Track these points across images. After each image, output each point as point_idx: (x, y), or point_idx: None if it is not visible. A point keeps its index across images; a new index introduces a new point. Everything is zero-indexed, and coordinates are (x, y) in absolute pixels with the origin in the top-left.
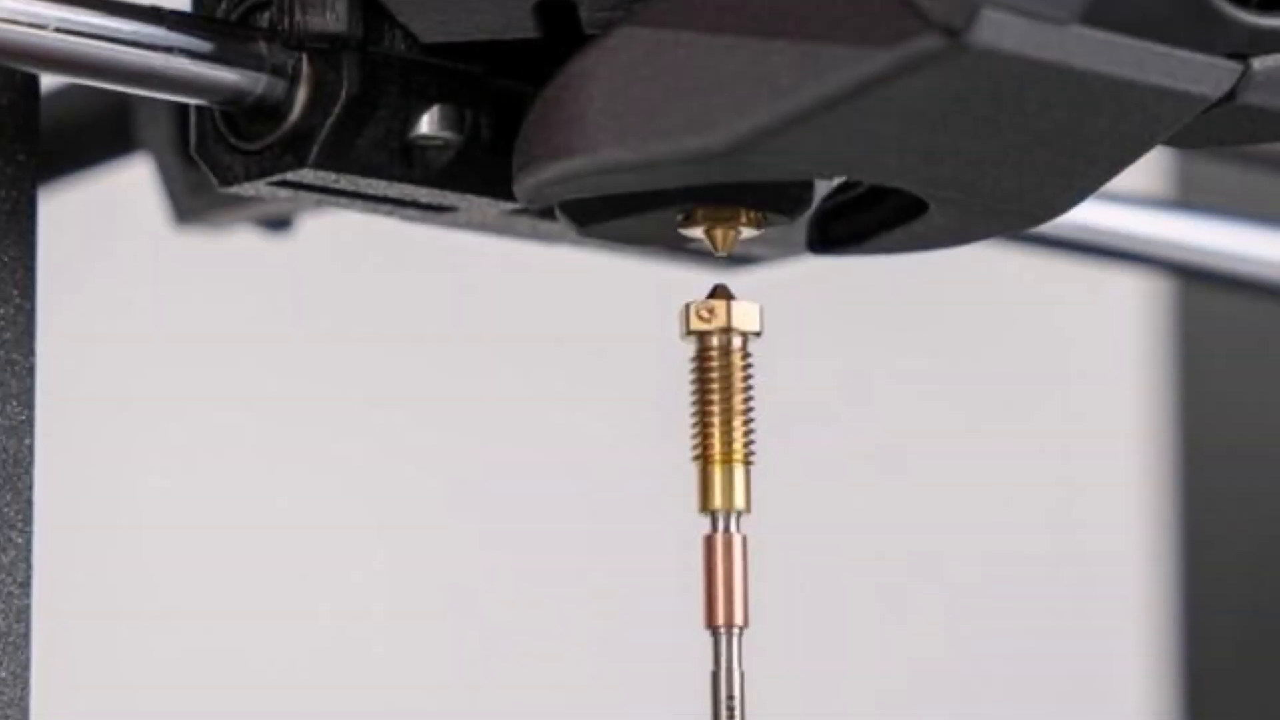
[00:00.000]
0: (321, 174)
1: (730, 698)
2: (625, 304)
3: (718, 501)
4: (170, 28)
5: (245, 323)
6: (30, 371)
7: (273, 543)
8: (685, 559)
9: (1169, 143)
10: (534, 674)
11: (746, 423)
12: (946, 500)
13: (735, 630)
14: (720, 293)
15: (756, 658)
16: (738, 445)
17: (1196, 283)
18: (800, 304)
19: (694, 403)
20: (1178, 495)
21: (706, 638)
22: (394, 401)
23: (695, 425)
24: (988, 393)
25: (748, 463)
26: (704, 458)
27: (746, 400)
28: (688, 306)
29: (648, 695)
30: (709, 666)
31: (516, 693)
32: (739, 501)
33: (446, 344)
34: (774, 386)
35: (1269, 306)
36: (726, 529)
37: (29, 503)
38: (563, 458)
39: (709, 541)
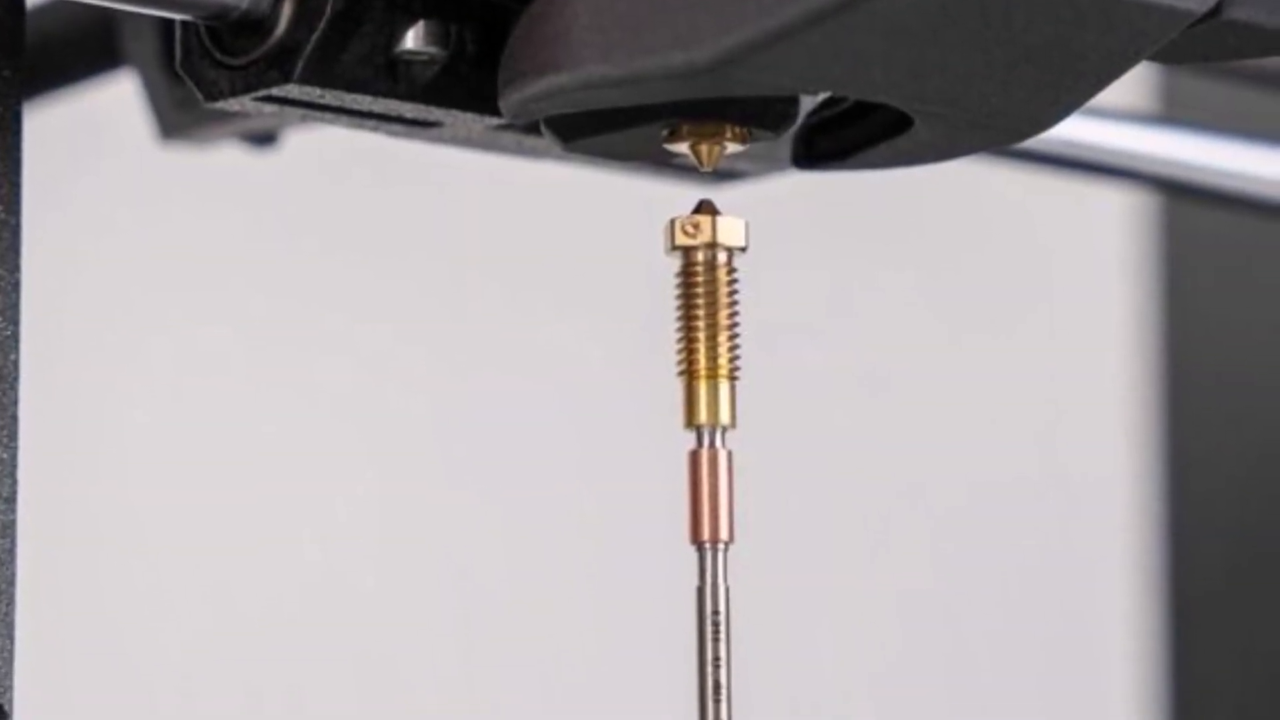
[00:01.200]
0: (307, 89)
1: (715, 613)
2: (610, 219)
3: (703, 417)
4: None
5: (230, 238)
6: (15, 287)
7: (257, 462)
8: (671, 475)
9: (1154, 58)
10: (519, 592)
11: (732, 338)
12: (931, 417)
13: (721, 545)
14: (705, 208)
15: (742, 573)
16: (723, 361)
17: (1182, 198)
18: (785, 220)
19: (679, 318)
20: (1164, 412)
21: (692, 553)
22: (379, 318)
23: (680, 341)
24: (973, 309)
25: (733, 378)
26: (689, 373)
27: (732, 316)
28: (673, 222)
29: (633, 611)
30: (694, 582)
31: (502, 612)
32: (724, 417)
33: (431, 259)
34: (759, 302)
35: (1254, 222)
36: (712, 444)
37: (14, 419)
38: (548, 374)
39: (694, 457)
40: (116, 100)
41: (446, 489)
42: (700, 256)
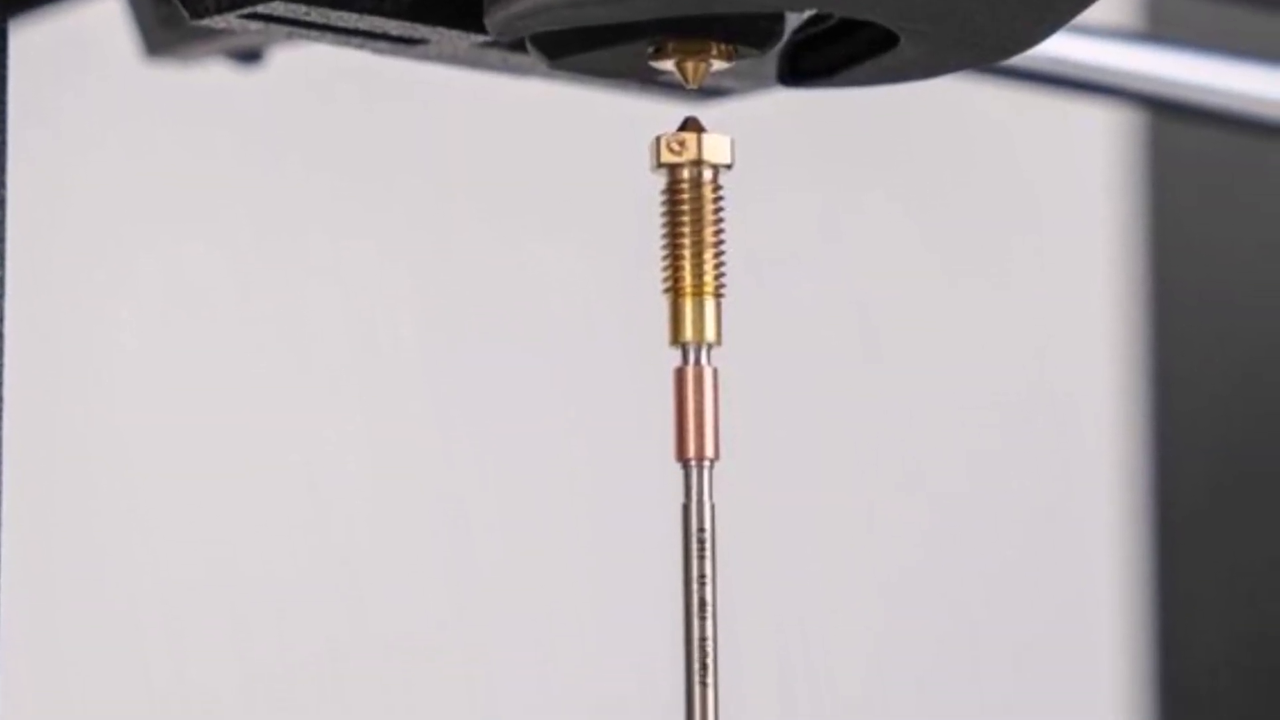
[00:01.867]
0: (292, 6)
1: (701, 530)
2: (596, 137)
3: (689, 334)
4: None
5: (215, 157)
6: (0, 204)
7: (243, 383)
8: (656, 392)
9: None
10: (506, 511)
11: (717, 255)
12: (917, 337)
13: (706, 463)
14: (691, 125)
15: (727, 490)
16: (708, 278)
17: (1166, 115)
18: (772, 137)
19: (664, 236)
20: (1149, 330)
21: (677, 470)
22: (364, 237)
23: (666, 258)
24: (957, 227)
25: (719, 296)
26: (675, 291)
27: (717, 233)
28: (658, 139)
29: (619, 528)
30: (679, 499)
31: (489, 532)
32: (710, 334)
33: (417, 178)
34: (745, 222)
35: (1239, 139)
36: (697, 361)
37: None
38: (533, 292)
39: (680, 374)
40: (101, 18)
41: (432, 409)
42: (686, 174)
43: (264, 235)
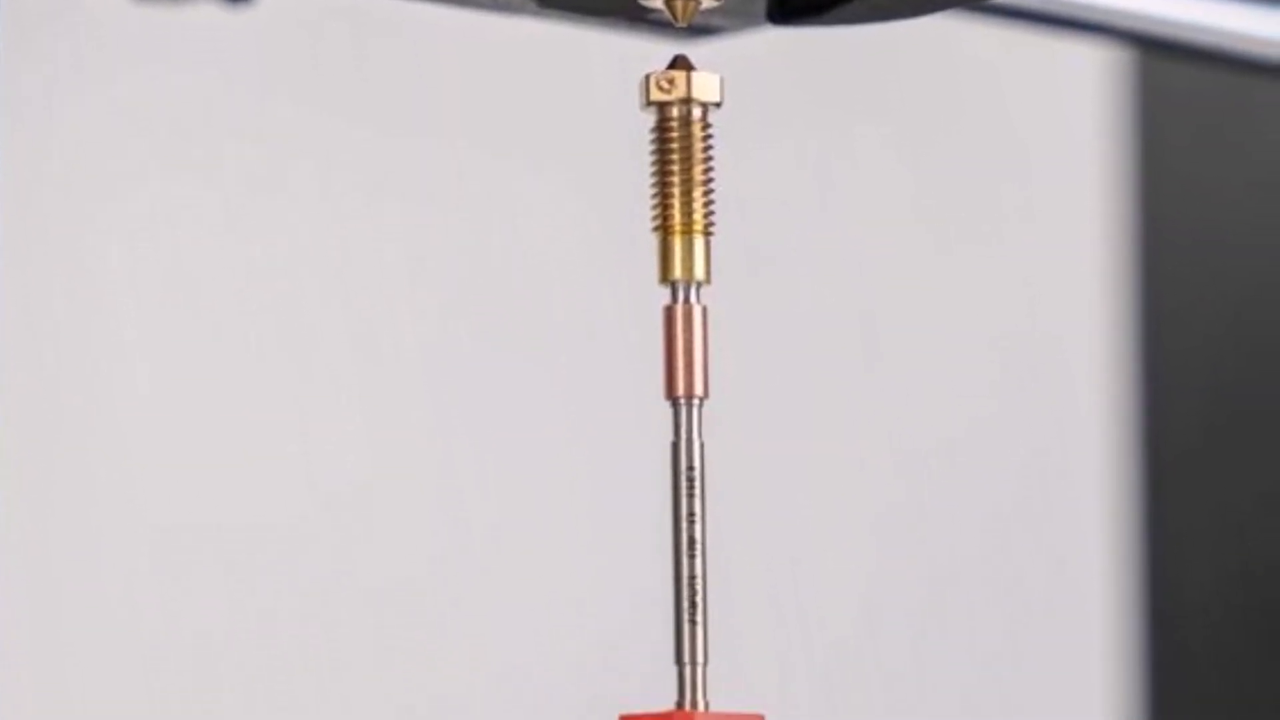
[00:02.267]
0: None
1: (690, 468)
2: (585, 75)
3: (678, 272)
4: None
5: (205, 97)
6: None
7: (231, 321)
8: (646, 330)
9: None
10: (494, 449)
11: (707, 194)
12: (906, 278)
13: (695, 401)
14: (680, 63)
15: (716, 428)
16: (698, 216)
17: (1156, 53)
18: (761, 76)
19: (654, 174)
20: (1140, 272)
21: (666, 408)
22: (353, 176)
23: (655, 197)
24: (945, 165)
25: (708, 234)
26: (664, 229)
27: (707, 171)
28: (648, 77)
29: (608, 466)
30: (669, 437)
31: (478, 472)
32: (699, 272)
33: (406, 117)
34: (734, 160)
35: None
36: (687, 300)
37: None
38: (523, 231)
39: (669, 312)
40: None
41: (421, 347)
42: (675, 112)
43: (254, 176)
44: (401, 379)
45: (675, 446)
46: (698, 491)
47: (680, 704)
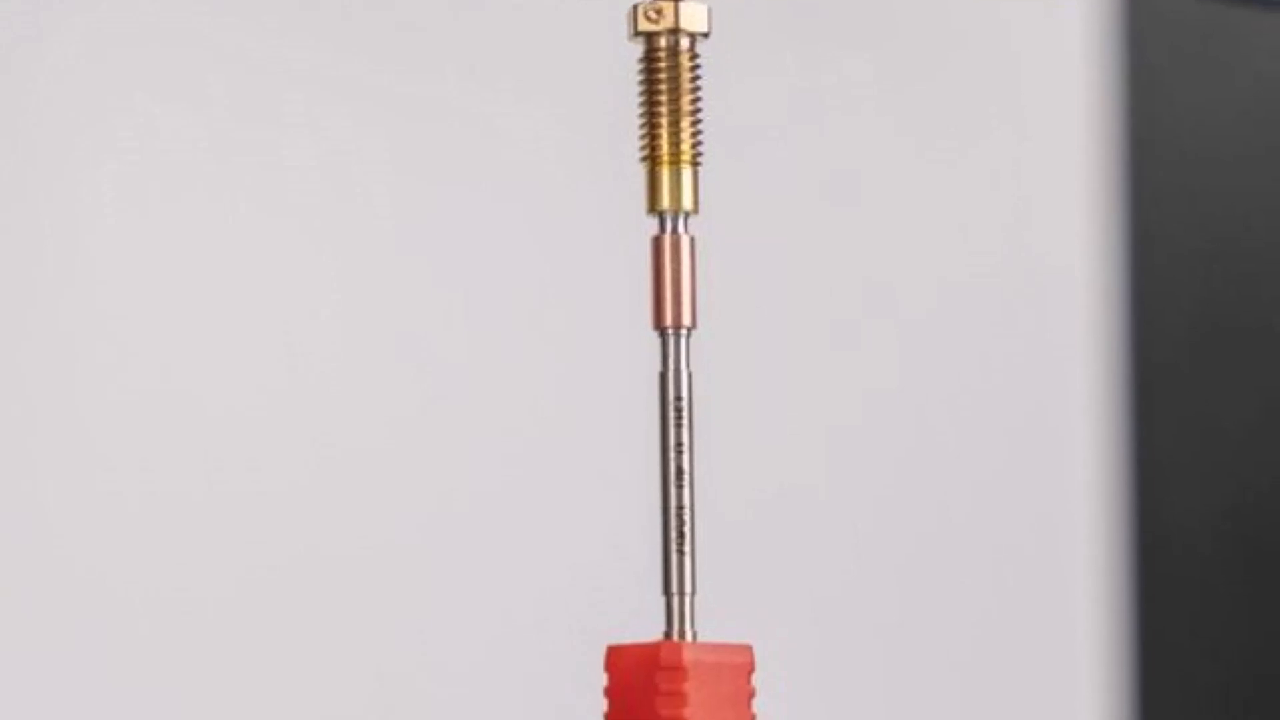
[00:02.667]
0: None
1: (678, 398)
2: (572, 4)
3: (665, 202)
4: None
5: (191, 16)
6: None
7: (218, 239)
8: (634, 260)
9: None
10: (483, 380)
11: (694, 124)
12: (895, 206)
13: (683, 331)
14: None
15: (704, 358)
16: (685, 147)
17: None
18: (749, 5)
19: (642, 105)
20: (1126, 193)
21: (654, 338)
22: (340, 101)
23: (643, 127)
24: (933, 88)
25: (695, 164)
26: (652, 159)
27: (694, 102)
28: (636, 7)
29: (596, 396)
30: (657, 367)
31: (466, 399)
32: (687, 202)
33: (394, 43)
34: (722, 90)
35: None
36: (674, 229)
37: None
38: (511, 160)
39: (657, 243)
40: None
41: (408, 272)
42: (663, 42)
43: (241, 100)
44: (392, 304)
45: (663, 377)
46: (685, 421)
47: (668, 634)
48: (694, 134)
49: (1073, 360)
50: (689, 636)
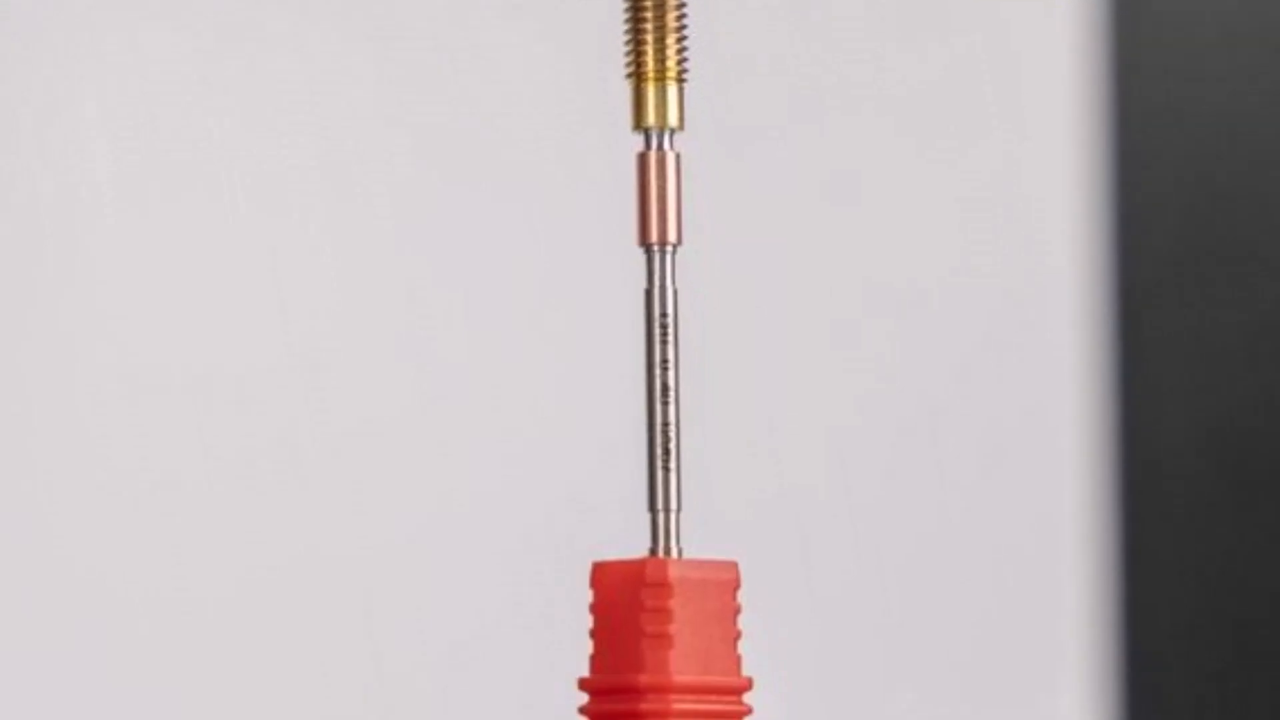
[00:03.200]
0: None
1: (663, 315)
2: None
3: (651, 119)
4: None
5: None
6: None
7: (206, 163)
8: (619, 177)
9: None
10: (465, 292)
11: (680, 40)
12: (884, 118)
13: (669, 248)
14: None
15: (689, 275)
16: (671, 63)
17: None
18: None
19: (627, 20)
20: (1112, 111)
21: (640, 255)
22: (327, 21)
23: (628, 42)
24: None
25: (681, 80)
26: (637, 75)
27: (680, 17)
28: None
29: (581, 313)
30: (642, 284)
31: (451, 310)
32: (672, 119)
33: None
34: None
35: None
36: (660, 146)
37: None
38: (494, 77)
39: (642, 159)
40: None
41: (393, 192)
42: None
43: (226, 18)
44: (374, 222)
45: (648, 293)
46: (671, 338)
47: (653, 551)
48: (680, 50)
49: (1060, 278)
50: (674, 553)
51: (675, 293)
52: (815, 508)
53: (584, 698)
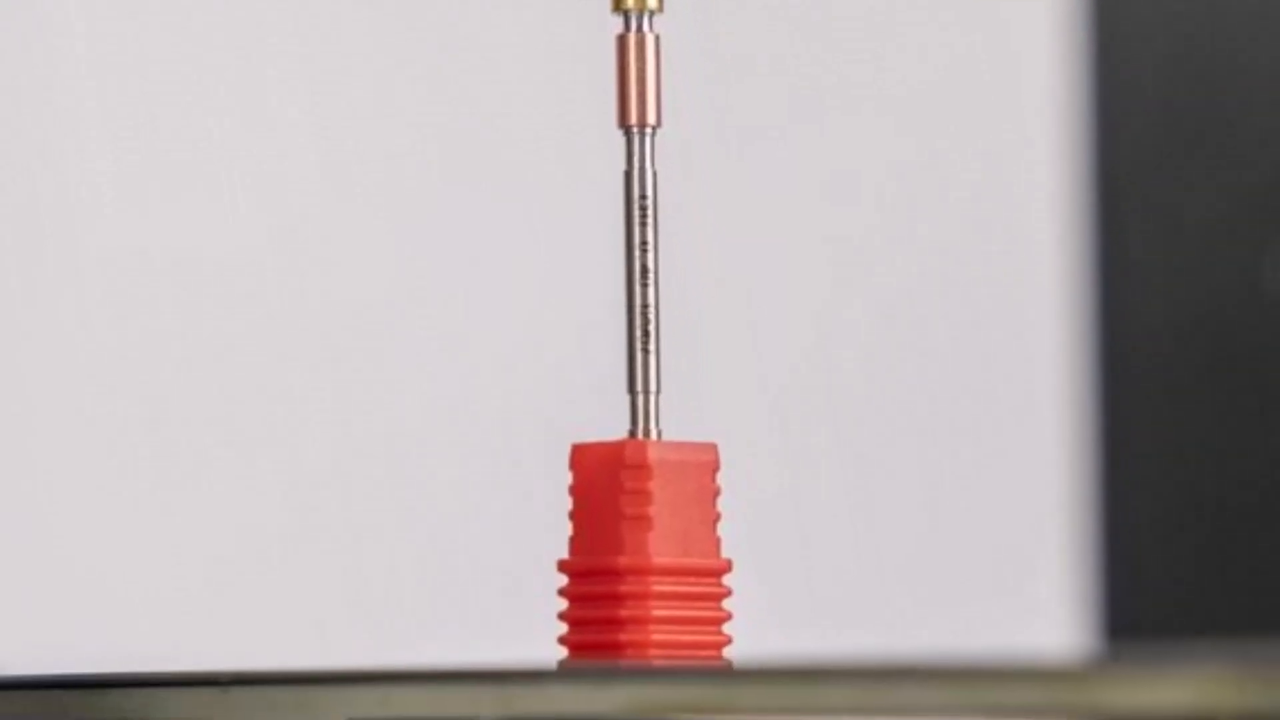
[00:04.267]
0: None
1: (643, 197)
2: None
3: (630, 1)
4: None
5: None
6: None
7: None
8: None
9: None
10: (443, 172)
11: None
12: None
13: (648, 130)
14: None
15: (668, 157)
16: None
17: None
18: None
19: None
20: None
21: (619, 137)
22: None
23: None
24: None
25: None
26: None
27: None
28: None
29: (560, 195)
30: (622, 165)
31: (430, 193)
32: (651, 1)
33: None
34: None
35: None
36: (639, 28)
37: None
38: None
39: (622, 41)
40: None
41: (373, 74)
42: None
43: None
44: (353, 100)
45: (628, 175)
46: (650, 220)
47: (633, 432)
48: None
49: (1037, 163)
50: (653, 435)
51: (655, 174)
52: (795, 389)
53: (563, 580)
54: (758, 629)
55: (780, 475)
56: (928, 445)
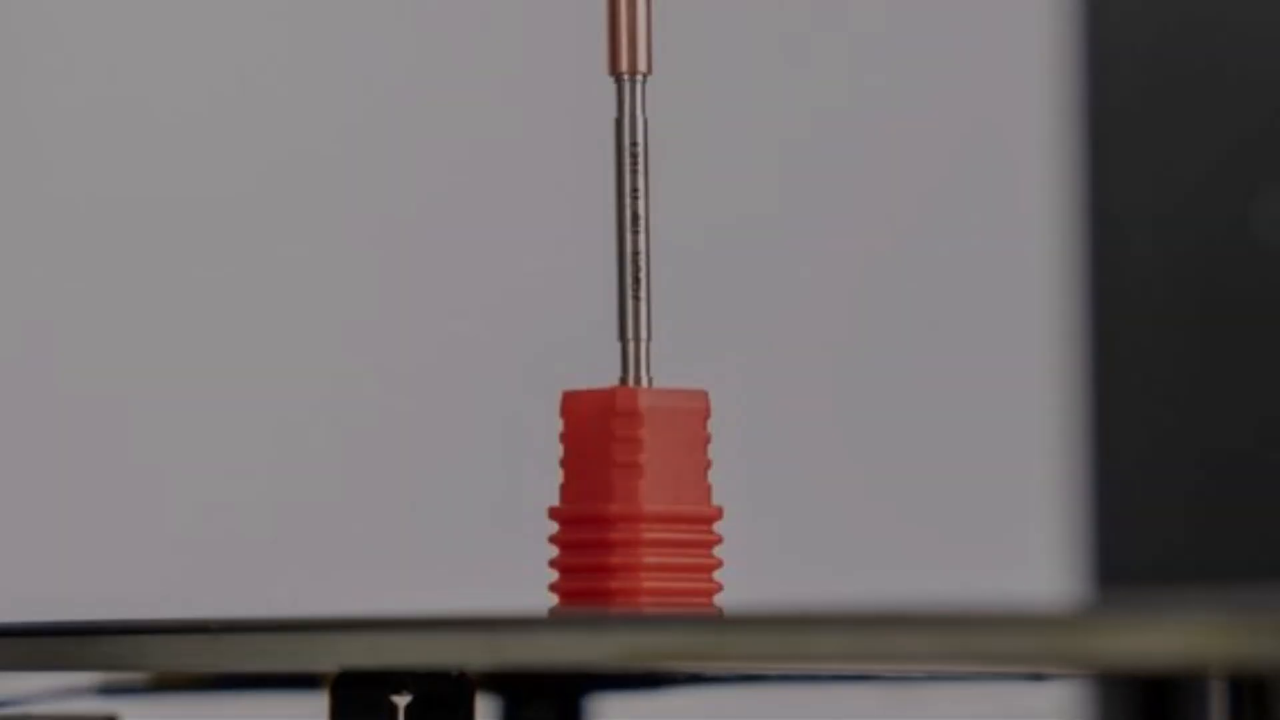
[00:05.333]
0: None
1: (634, 145)
2: None
3: None
4: None
5: None
6: None
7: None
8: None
9: None
10: (433, 116)
11: None
12: None
13: (639, 77)
14: None
15: (659, 104)
16: None
17: None
18: None
19: None
20: None
21: (610, 84)
22: None
23: None
24: None
25: None
26: None
27: None
28: None
29: (551, 142)
30: (612, 113)
31: (415, 131)
32: None
33: None
34: None
35: None
36: None
37: None
38: None
39: None
40: None
41: (366, 28)
42: None
43: None
44: (346, 51)
45: (618, 122)
46: (641, 167)
47: (623, 379)
48: None
49: (1029, 105)
50: (644, 382)
51: (645, 122)
52: (785, 337)
53: (554, 527)
54: (749, 576)
55: (771, 422)
56: (919, 392)
